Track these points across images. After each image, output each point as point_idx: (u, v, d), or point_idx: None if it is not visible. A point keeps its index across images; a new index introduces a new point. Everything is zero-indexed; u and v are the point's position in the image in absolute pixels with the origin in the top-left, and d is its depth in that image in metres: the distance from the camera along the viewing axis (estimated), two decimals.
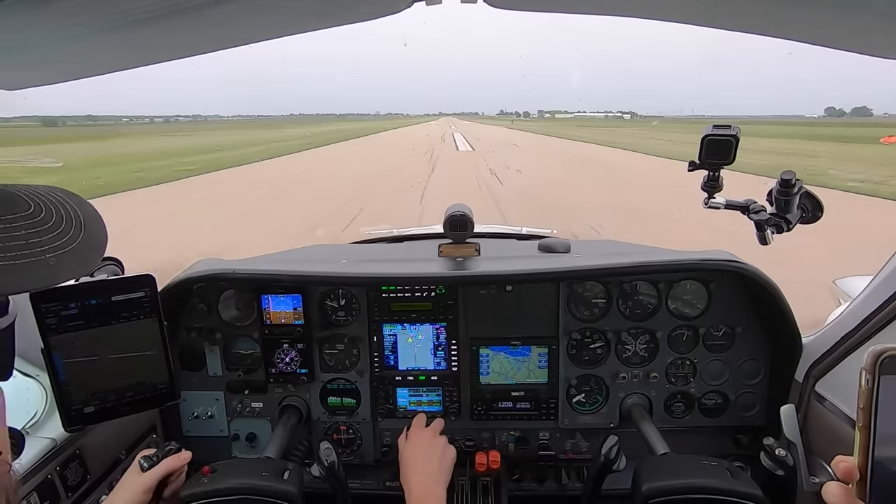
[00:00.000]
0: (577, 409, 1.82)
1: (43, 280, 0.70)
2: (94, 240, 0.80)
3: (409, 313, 1.80)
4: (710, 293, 1.74)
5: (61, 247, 0.73)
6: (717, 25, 0.97)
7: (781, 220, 1.25)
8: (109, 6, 0.76)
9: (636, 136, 52.22)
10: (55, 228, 0.75)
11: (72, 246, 0.75)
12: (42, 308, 1.12)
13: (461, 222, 1.78)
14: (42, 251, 0.71)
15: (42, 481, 1.31)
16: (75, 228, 0.78)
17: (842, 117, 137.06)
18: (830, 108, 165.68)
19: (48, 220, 0.75)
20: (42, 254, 0.71)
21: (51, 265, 0.71)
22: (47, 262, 0.71)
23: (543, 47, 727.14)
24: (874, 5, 0.77)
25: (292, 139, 48.78)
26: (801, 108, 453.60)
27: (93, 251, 0.80)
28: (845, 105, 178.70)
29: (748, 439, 1.80)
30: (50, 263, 0.71)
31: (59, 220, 0.77)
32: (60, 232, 0.75)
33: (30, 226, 0.72)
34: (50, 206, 0.78)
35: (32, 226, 0.73)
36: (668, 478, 1.25)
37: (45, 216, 0.75)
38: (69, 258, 0.74)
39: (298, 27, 1.00)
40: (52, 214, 0.77)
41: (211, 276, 1.69)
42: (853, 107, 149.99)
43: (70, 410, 1.20)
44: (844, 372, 1.47)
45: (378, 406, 1.87)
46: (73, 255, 0.75)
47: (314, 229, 10.38)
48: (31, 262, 0.69)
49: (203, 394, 1.86)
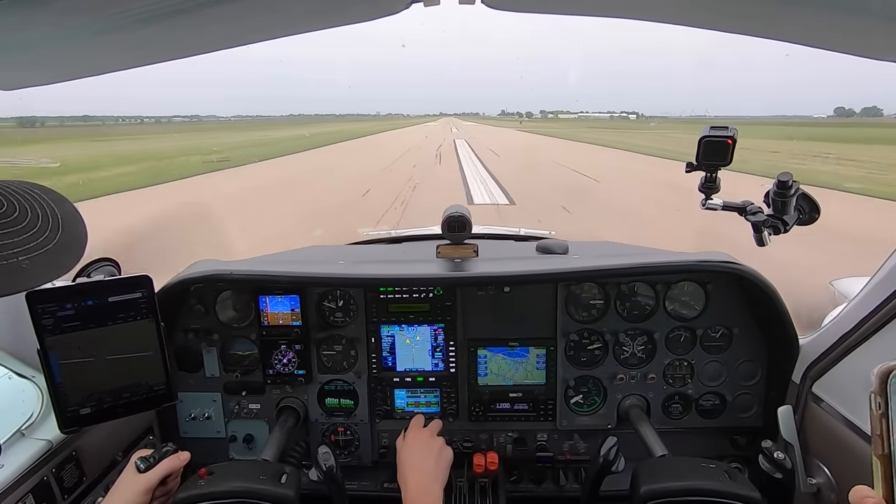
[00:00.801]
0: (575, 410, 1.83)
1: (14, 285, 0.65)
2: (72, 240, 0.75)
3: (407, 314, 1.80)
4: (708, 294, 1.74)
5: (36, 248, 0.68)
6: (713, 27, 0.98)
7: (778, 222, 1.26)
8: (110, 5, 0.75)
9: (677, 141, 35.96)
10: (30, 228, 0.70)
11: (47, 247, 0.70)
12: (38, 309, 1.12)
13: (459, 223, 1.78)
14: (14, 253, 0.66)
15: (37, 483, 1.30)
16: (52, 228, 0.72)
17: (851, 117, 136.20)
18: (840, 108, 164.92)
19: (22, 220, 0.70)
20: (14, 256, 0.65)
21: (23, 268, 0.66)
22: (19, 265, 0.65)
23: (541, 48, 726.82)
24: (871, 7, 0.78)
25: (280, 141, 43.01)
26: (808, 109, 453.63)
27: (70, 252, 0.74)
28: (855, 105, 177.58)
29: (746, 440, 1.80)
30: (23, 266, 0.66)
31: (35, 219, 0.71)
32: (35, 232, 0.70)
33: (1, 226, 0.67)
34: (24, 204, 0.72)
35: (4, 226, 0.67)
36: (666, 480, 1.25)
37: (18, 215, 0.70)
38: (44, 260, 0.69)
39: (297, 27, 1.00)
40: (26, 213, 0.71)
41: (208, 276, 1.69)
42: (863, 106, 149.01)
43: (66, 412, 1.20)
44: (842, 373, 1.47)
45: (376, 407, 1.87)
46: (49, 256, 0.69)
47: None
48: (1, 266, 0.64)
49: (200, 395, 1.85)
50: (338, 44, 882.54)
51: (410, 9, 0.95)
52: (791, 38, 0.96)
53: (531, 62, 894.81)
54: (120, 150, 35.77)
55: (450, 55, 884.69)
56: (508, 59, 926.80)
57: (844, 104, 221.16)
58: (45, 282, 0.70)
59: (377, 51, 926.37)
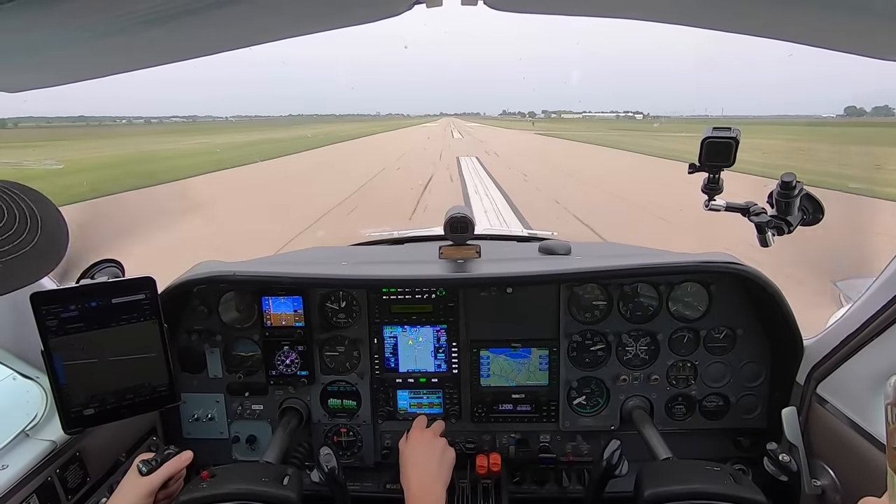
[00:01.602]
0: (578, 411, 1.82)
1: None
2: (51, 242, 0.71)
3: (410, 315, 1.80)
4: (711, 295, 1.74)
5: (12, 251, 0.65)
6: (715, 27, 0.98)
7: (782, 222, 1.25)
8: (114, 8, 0.76)
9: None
10: (6, 230, 0.66)
11: (24, 250, 0.66)
12: (42, 310, 1.12)
13: (462, 224, 1.78)
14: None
15: (42, 484, 1.31)
16: (30, 230, 0.69)
17: (862, 116, 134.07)
18: (851, 107, 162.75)
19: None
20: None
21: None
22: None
23: (543, 48, 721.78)
24: (874, 7, 0.78)
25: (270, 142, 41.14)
26: (816, 108, 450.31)
27: (49, 255, 0.71)
28: (865, 104, 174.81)
29: (749, 442, 1.79)
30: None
31: (12, 220, 0.68)
32: (12, 234, 0.67)
33: None
34: (1, 205, 0.69)
35: None
36: (670, 483, 1.24)
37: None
38: (20, 263, 0.65)
39: (300, 29, 1.00)
40: (2, 213, 0.68)
41: (211, 278, 1.69)
42: (874, 105, 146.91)
43: (70, 412, 1.20)
44: (846, 374, 1.46)
45: (378, 408, 1.87)
46: (26, 259, 0.66)
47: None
48: None
49: (203, 396, 1.85)
50: (339, 43, 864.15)
51: (413, 10, 0.95)
52: (794, 38, 0.95)
53: (533, 62, 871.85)
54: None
55: (451, 56, 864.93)
56: (510, 59, 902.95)
57: (856, 103, 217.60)
58: (21, 285, 0.66)
59: (379, 51, 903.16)
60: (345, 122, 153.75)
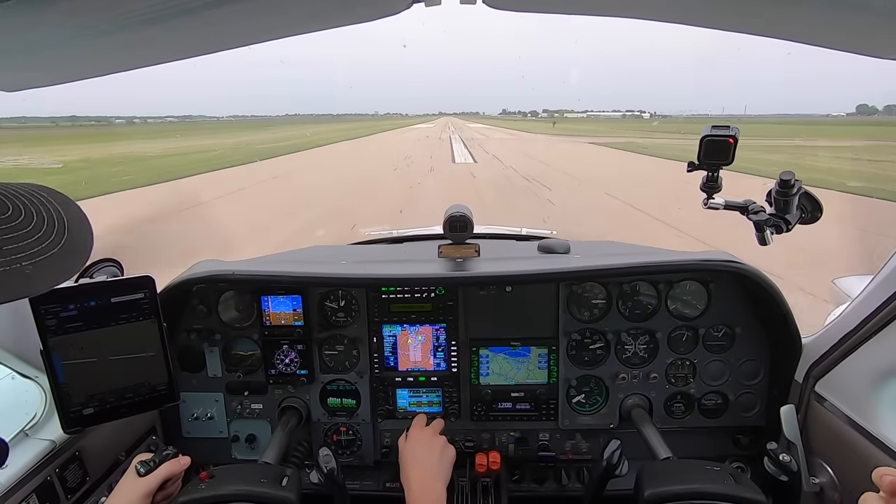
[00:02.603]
0: (577, 409, 1.82)
1: (17, 291, 0.63)
2: (77, 244, 0.72)
3: (409, 314, 1.80)
4: (710, 294, 1.74)
5: (40, 253, 0.66)
6: (715, 26, 0.98)
7: (781, 221, 1.26)
8: (113, 7, 0.75)
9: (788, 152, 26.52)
10: (34, 233, 0.68)
11: (52, 252, 0.68)
12: (41, 309, 1.12)
13: (461, 223, 1.78)
14: (17, 258, 0.64)
15: (41, 483, 1.30)
16: (57, 232, 0.70)
17: (873, 115, 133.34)
18: (863, 105, 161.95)
19: (27, 224, 0.68)
20: (17, 261, 0.63)
21: (27, 274, 0.63)
22: (23, 271, 0.63)
23: (543, 47, 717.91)
24: (874, 6, 0.78)
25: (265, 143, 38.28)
26: (828, 107, 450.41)
27: (75, 256, 0.72)
28: (878, 103, 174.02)
29: (748, 440, 1.80)
30: (26, 272, 0.63)
31: (40, 223, 0.69)
32: (40, 236, 0.68)
33: (5, 230, 0.65)
34: (30, 208, 0.70)
35: (8, 230, 0.65)
36: (670, 483, 1.24)
37: (23, 219, 0.68)
38: (48, 265, 0.67)
39: (299, 28, 1.00)
40: (31, 217, 0.69)
41: (210, 277, 1.69)
42: (886, 104, 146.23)
43: (69, 412, 1.20)
44: (845, 372, 1.47)
45: (378, 407, 1.87)
46: (53, 261, 0.67)
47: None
48: (5, 272, 0.62)
49: (203, 395, 1.85)
50: (338, 42, 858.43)
51: (412, 9, 0.95)
52: (794, 37, 0.95)
53: (533, 61, 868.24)
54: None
55: (451, 55, 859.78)
56: (509, 58, 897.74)
57: (868, 101, 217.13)
58: (48, 287, 0.68)
59: (377, 50, 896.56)
60: (343, 122, 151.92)
